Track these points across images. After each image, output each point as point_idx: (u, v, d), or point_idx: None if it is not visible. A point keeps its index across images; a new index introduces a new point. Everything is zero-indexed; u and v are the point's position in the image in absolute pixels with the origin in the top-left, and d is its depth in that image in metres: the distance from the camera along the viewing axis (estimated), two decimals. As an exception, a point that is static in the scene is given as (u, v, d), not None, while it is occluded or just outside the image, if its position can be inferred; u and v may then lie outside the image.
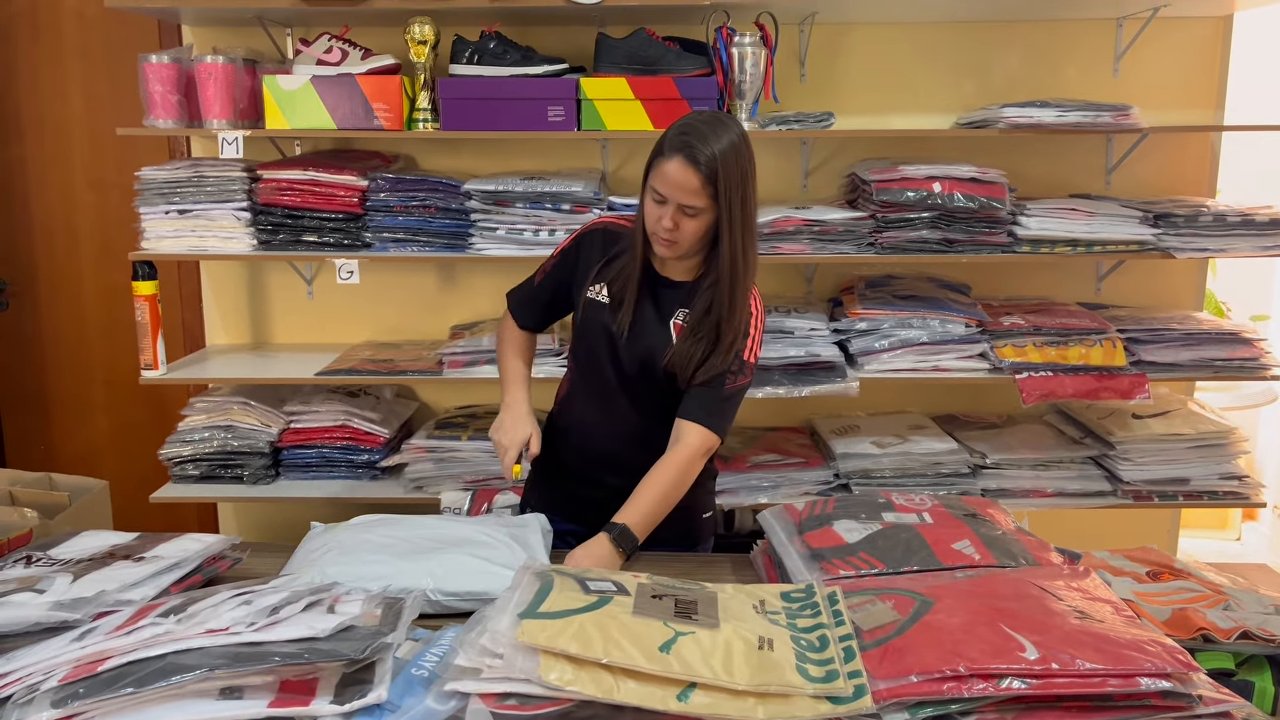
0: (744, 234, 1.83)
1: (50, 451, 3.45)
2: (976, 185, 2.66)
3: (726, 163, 1.77)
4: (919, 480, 2.74)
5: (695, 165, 1.75)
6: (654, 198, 1.81)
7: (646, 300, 1.94)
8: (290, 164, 2.72)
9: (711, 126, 1.79)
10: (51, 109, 3.27)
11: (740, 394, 1.94)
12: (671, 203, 1.79)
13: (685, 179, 1.76)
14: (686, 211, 1.79)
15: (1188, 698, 1.13)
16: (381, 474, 2.85)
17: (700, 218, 1.80)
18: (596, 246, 1.99)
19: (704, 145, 1.76)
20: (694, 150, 1.75)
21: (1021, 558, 1.54)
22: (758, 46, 2.63)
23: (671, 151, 1.77)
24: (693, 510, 2.07)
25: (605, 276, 1.95)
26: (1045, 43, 2.97)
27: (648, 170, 1.84)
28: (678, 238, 1.82)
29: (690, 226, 1.81)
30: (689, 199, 1.77)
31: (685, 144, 1.76)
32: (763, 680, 1.12)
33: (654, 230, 1.83)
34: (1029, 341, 2.69)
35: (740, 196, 1.80)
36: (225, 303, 3.16)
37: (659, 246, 1.86)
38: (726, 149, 1.77)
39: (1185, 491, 2.77)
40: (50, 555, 1.64)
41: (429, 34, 2.66)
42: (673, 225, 1.80)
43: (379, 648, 1.24)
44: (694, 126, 1.78)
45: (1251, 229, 2.69)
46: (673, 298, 1.94)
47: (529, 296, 2.10)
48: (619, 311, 1.92)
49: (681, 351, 1.88)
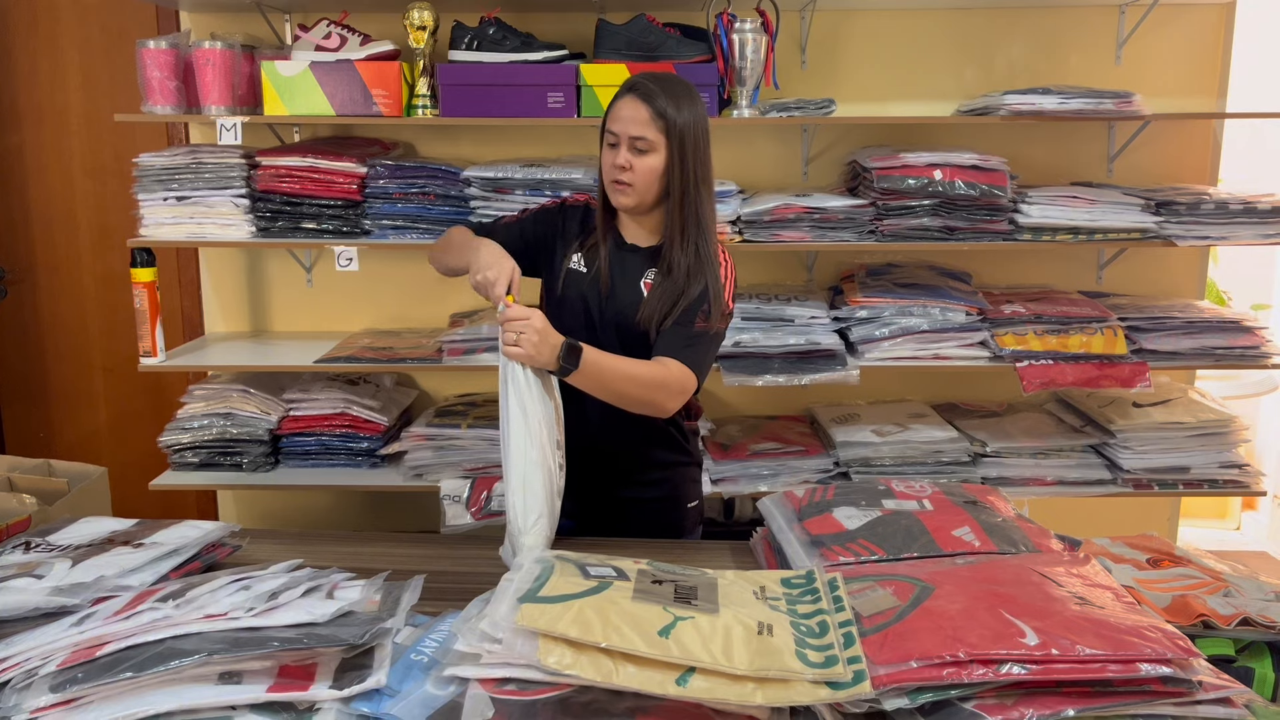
0: (699, 184, 1.86)
1: (49, 439, 3.44)
2: (978, 173, 2.65)
3: (677, 99, 1.83)
4: (919, 468, 2.74)
5: (644, 98, 1.83)
6: (608, 141, 1.86)
7: (616, 266, 1.94)
8: (289, 150, 2.71)
9: (659, 75, 1.89)
10: (49, 95, 3.26)
11: (711, 337, 1.90)
12: (624, 140, 1.83)
13: (635, 111, 1.82)
14: (638, 146, 1.83)
15: (1188, 683, 1.13)
16: (381, 462, 2.84)
17: (651, 156, 1.83)
18: (578, 218, 2.01)
19: (653, 84, 1.84)
20: (642, 87, 1.84)
21: (1022, 544, 1.54)
22: (758, 32, 2.62)
23: (622, 92, 1.86)
24: (679, 500, 2.08)
25: (585, 248, 1.96)
26: (1047, 29, 2.96)
27: (602, 125, 1.88)
28: (633, 179, 1.84)
29: (643, 165, 1.83)
30: (639, 130, 1.82)
31: (635, 84, 1.86)
32: (762, 665, 1.12)
33: (609, 176, 1.87)
34: (1030, 329, 2.69)
35: (692, 139, 1.84)
36: (224, 290, 3.16)
37: (616, 195, 1.88)
38: (678, 89, 1.85)
39: (1185, 480, 2.77)
40: (49, 541, 1.64)
41: (428, 20, 2.64)
42: (626, 164, 1.83)
43: (378, 633, 1.24)
44: (645, 75, 1.89)
45: (1253, 217, 2.68)
46: (640, 261, 1.95)
47: (492, 226, 2.04)
48: (597, 279, 1.93)
49: (651, 305, 1.88)
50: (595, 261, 1.94)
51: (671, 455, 2.06)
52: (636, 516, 2.02)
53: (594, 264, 1.94)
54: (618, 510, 2.02)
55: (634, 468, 2.02)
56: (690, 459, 2.10)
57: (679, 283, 1.87)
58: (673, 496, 2.07)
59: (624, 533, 1.96)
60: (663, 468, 2.05)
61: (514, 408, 1.67)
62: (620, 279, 1.93)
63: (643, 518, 2.00)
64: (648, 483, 2.04)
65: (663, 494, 2.05)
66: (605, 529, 1.99)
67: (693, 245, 1.87)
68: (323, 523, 3.22)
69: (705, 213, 1.88)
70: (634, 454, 2.01)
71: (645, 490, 2.04)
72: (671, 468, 2.07)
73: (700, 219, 1.87)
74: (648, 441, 2.01)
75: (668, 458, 2.05)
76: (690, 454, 2.10)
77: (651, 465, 2.04)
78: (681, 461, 2.08)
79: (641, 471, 2.03)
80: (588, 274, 1.94)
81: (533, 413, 1.67)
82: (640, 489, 2.04)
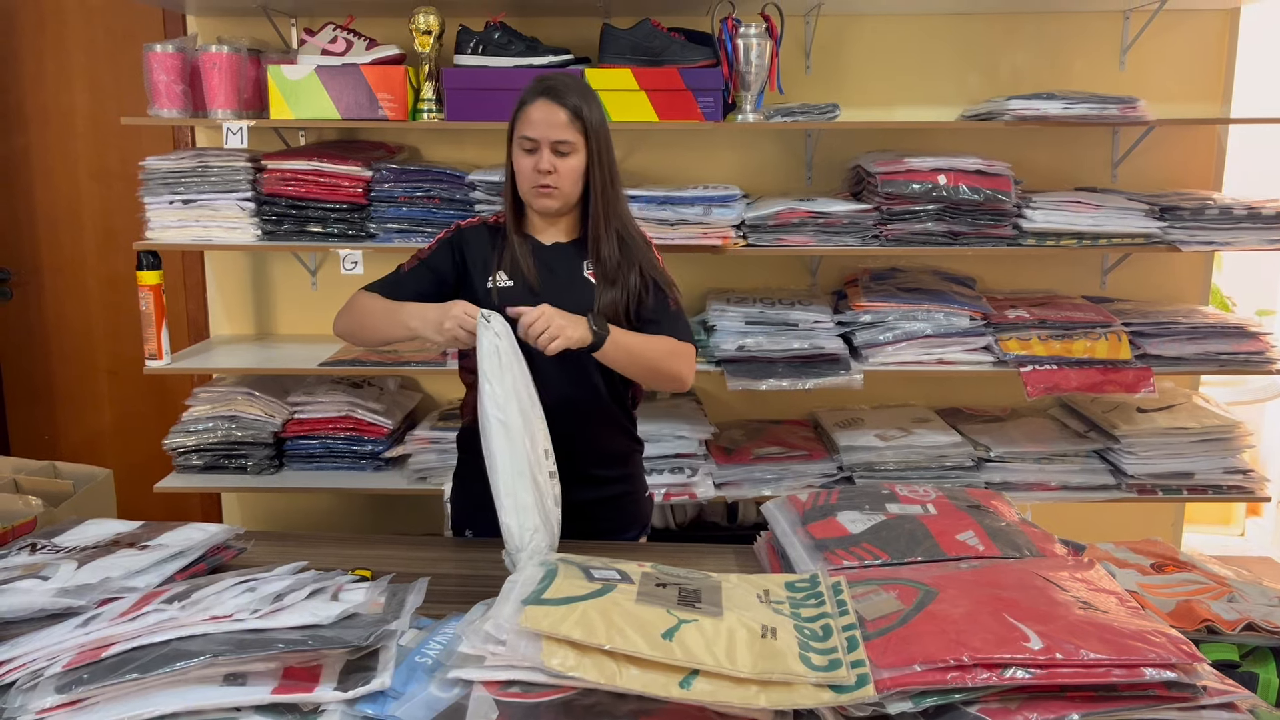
0: (612, 172, 1.90)
1: (55, 441, 3.45)
2: (982, 178, 2.65)
3: (587, 98, 1.85)
4: (922, 473, 2.74)
5: (559, 101, 1.82)
6: (524, 148, 1.84)
7: (546, 267, 1.91)
8: (294, 154, 2.72)
9: (562, 75, 1.90)
10: (55, 98, 3.27)
11: (683, 311, 1.98)
12: (544, 145, 1.82)
13: (552, 115, 1.81)
14: (560, 149, 1.83)
15: (1192, 689, 1.13)
16: (385, 465, 2.85)
17: (573, 156, 1.84)
18: (482, 239, 1.95)
19: (560, 85, 1.84)
20: (553, 90, 1.83)
21: (1026, 549, 1.54)
22: (763, 38, 2.62)
23: (532, 96, 1.83)
24: (635, 493, 2.07)
25: (503, 264, 1.92)
26: (1052, 35, 2.96)
27: (511, 130, 1.87)
28: (558, 181, 1.84)
29: (566, 166, 1.84)
30: (560, 133, 1.82)
31: (544, 87, 1.84)
32: (765, 668, 1.12)
33: (532, 182, 1.85)
34: (1034, 334, 2.69)
35: (605, 134, 1.87)
36: (229, 293, 3.16)
37: (540, 198, 1.86)
38: (583, 87, 1.87)
39: (1189, 485, 2.76)
40: (55, 543, 1.64)
41: (434, 24, 2.65)
42: (550, 167, 1.82)
43: (383, 635, 1.24)
44: (548, 76, 1.87)
45: (1258, 222, 2.68)
46: (570, 254, 1.93)
47: (396, 281, 1.96)
48: (530, 287, 1.88)
49: (609, 300, 1.88)
50: (519, 271, 1.90)
51: (628, 444, 2.04)
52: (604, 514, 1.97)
53: (519, 274, 1.90)
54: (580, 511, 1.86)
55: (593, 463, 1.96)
56: (641, 446, 2.10)
57: (624, 274, 1.89)
58: (633, 493, 2.06)
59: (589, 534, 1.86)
60: (621, 462, 2.03)
61: (494, 423, 1.64)
62: (557, 277, 1.90)
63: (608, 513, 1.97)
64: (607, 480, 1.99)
65: (625, 489, 2.03)
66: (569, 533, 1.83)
67: (615, 235, 1.90)
68: (327, 525, 3.22)
69: (623, 201, 1.94)
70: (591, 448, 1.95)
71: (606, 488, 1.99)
72: (628, 458, 2.05)
73: (620, 208, 1.92)
74: (607, 433, 1.98)
75: (625, 447, 2.04)
76: (640, 441, 2.10)
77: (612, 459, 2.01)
78: (635, 450, 2.08)
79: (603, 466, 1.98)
80: (517, 286, 1.89)
81: (513, 425, 1.63)
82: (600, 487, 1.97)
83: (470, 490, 2.00)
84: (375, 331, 1.92)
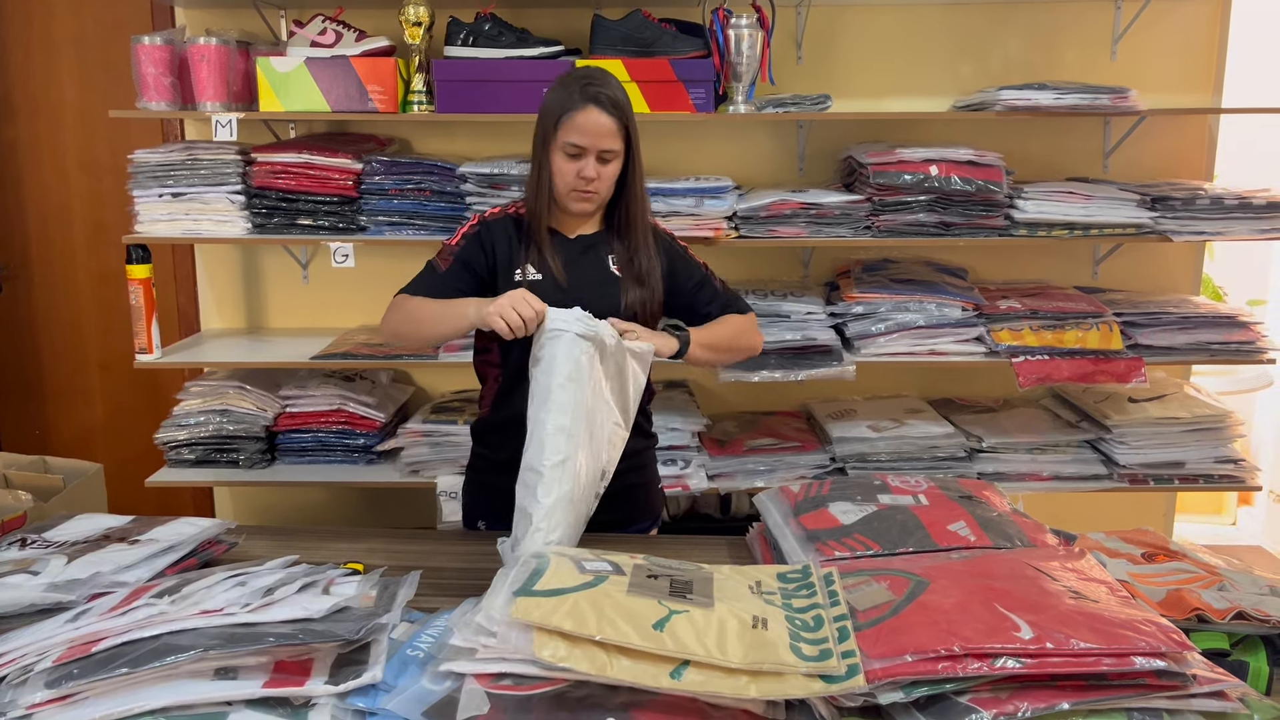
0: (643, 176, 1.95)
1: (45, 436, 3.44)
2: (973, 168, 2.65)
3: (628, 103, 1.87)
4: (915, 464, 2.74)
5: (609, 110, 1.83)
6: (569, 152, 1.84)
7: (573, 261, 1.92)
8: (284, 147, 2.71)
9: (602, 75, 1.89)
10: (44, 91, 3.25)
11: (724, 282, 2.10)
12: (591, 152, 1.83)
13: (602, 124, 1.82)
14: (604, 158, 1.85)
15: (1182, 677, 1.13)
16: (377, 458, 2.84)
17: (613, 162, 1.87)
18: (505, 231, 1.94)
19: (608, 90, 1.84)
20: (602, 98, 1.83)
21: (1017, 539, 1.54)
22: (754, 28, 2.61)
23: (583, 101, 1.82)
24: (648, 484, 2.09)
25: (530, 258, 1.92)
26: (1043, 24, 2.96)
27: (551, 130, 1.85)
28: (598, 187, 1.86)
29: (607, 172, 1.87)
30: (607, 142, 1.83)
31: (594, 94, 1.83)
32: (756, 658, 1.12)
33: (572, 186, 1.86)
34: (1025, 325, 2.69)
35: (638, 138, 1.90)
36: (220, 286, 3.15)
37: (578, 202, 1.88)
38: (622, 90, 1.88)
39: (1181, 475, 2.77)
40: (45, 538, 1.64)
41: (423, 15, 2.64)
42: (594, 174, 1.84)
43: (374, 628, 1.24)
44: (589, 76, 1.87)
45: (1249, 212, 2.68)
46: (592, 250, 1.95)
47: (436, 283, 1.93)
48: (558, 281, 1.89)
49: (637, 299, 1.92)
50: (546, 265, 1.90)
51: (643, 438, 2.04)
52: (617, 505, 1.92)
53: (545, 268, 1.90)
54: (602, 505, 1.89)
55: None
56: (655, 439, 2.13)
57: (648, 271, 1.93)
58: (648, 484, 2.07)
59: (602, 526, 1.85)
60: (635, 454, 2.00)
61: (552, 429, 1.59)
62: (584, 272, 1.92)
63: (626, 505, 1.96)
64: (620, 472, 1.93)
65: (641, 480, 2.04)
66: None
67: (644, 230, 1.95)
68: (319, 519, 3.22)
69: (647, 199, 1.99)
70: None
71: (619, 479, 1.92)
72: (642, 450, 2.05)
73: (646, 206, 1.97)
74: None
75: (641, 441, 2.03)
76: (654, 435, 2.13)
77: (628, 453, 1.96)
78: (650, 443, 2.09)
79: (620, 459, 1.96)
80: (545, 280, 1.90)
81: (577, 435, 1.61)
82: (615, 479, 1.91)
83: (486, 482, 2.00)
84: (433, 331, 1.90)
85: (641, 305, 1.93)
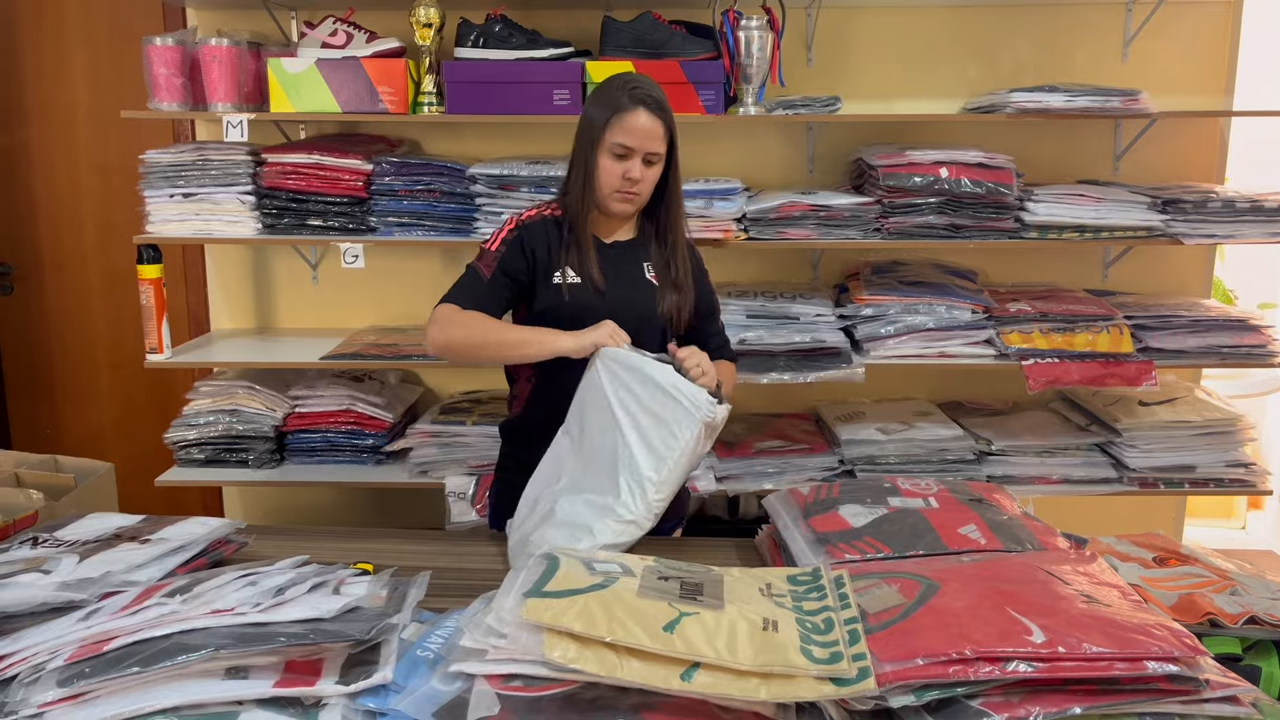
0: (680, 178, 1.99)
1: (56, 435, 3.45)
2: (984, 170, 2.64)
3: (671, 111, 1.91)
4: (924, 467, 2.74)
5: (657, 113, 1.87)
6: (616, 153, 1.87)
7: (611, 266, 1.95)
8: (295, 147, 2.72)
9: (649, 81, 1.92)
10: (55, 92, 3.27)
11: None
12: (638, 154, 1.86)
13: (653, 128, 1.86)
14: (649, 160, 1.89)
15: (1194, 682, 1.13)
16: (386, 459, 2.85)
17: (656, 166, 1.91)
18: (542, 234, 1.94)
19: (655, 94, 1.88)
20: (652, 102, 1.87)
21: (1028, 542, 1.53)
22: (764, 30, 2.61)
23: (633, 104, 1.86)
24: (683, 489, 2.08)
25: (569, 261, 1.92)
26: (1054, 27, 2.95)
27: (600, 131, 1.87)
28: (641, 189, 1.89)
29: (650, 175, 1.90)
30: (655, 146, 1.87)
31: (644, 96, 1.87)
32: (766, 661, 1.12)
33: (616, 187, 1.88)
34: (1035, 328, 2.68)
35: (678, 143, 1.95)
36: (230, 287, 3.16)
37: (621, 203, 1.91)
38: (664, 95, 1.91)
39: (1191, 479, 2.76)
40: (56, 537, 1.64)
41: (434, 17, 2.64)
42: (640, 176, 1.87)
43: (384, 629, 1.24)
44: (638, 81, 1.90)
45: (1260, 215, 2.67)
46: (632, 253, 1.99)
47: (483, 293, 1.90)
48: (594, 284, 1.90)
49: (671, 304, 1.97)
50: (585, 267, 1.92)
51: None
52: None
53: (584, 271, 1.92)
54: None
55: None
56: None
57: (681, 277, 1.97)
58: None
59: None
60: None
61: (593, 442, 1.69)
62: (621, 277, 1.94)
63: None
64: None
65: None
66: None
67: (682, 235, 2.00)
68: (328, 519, 3.22)
69: (684, 204, 2.03)
70: None
71: None
72: None
73: (684, 210, 2.02)
74: None
75: None
76: None
77: None
78: None
79: None
80: (584, 284, 1.91)
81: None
82: None
83: (516, 484, 2.00)
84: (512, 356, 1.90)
85: (676, 311, 1.98)
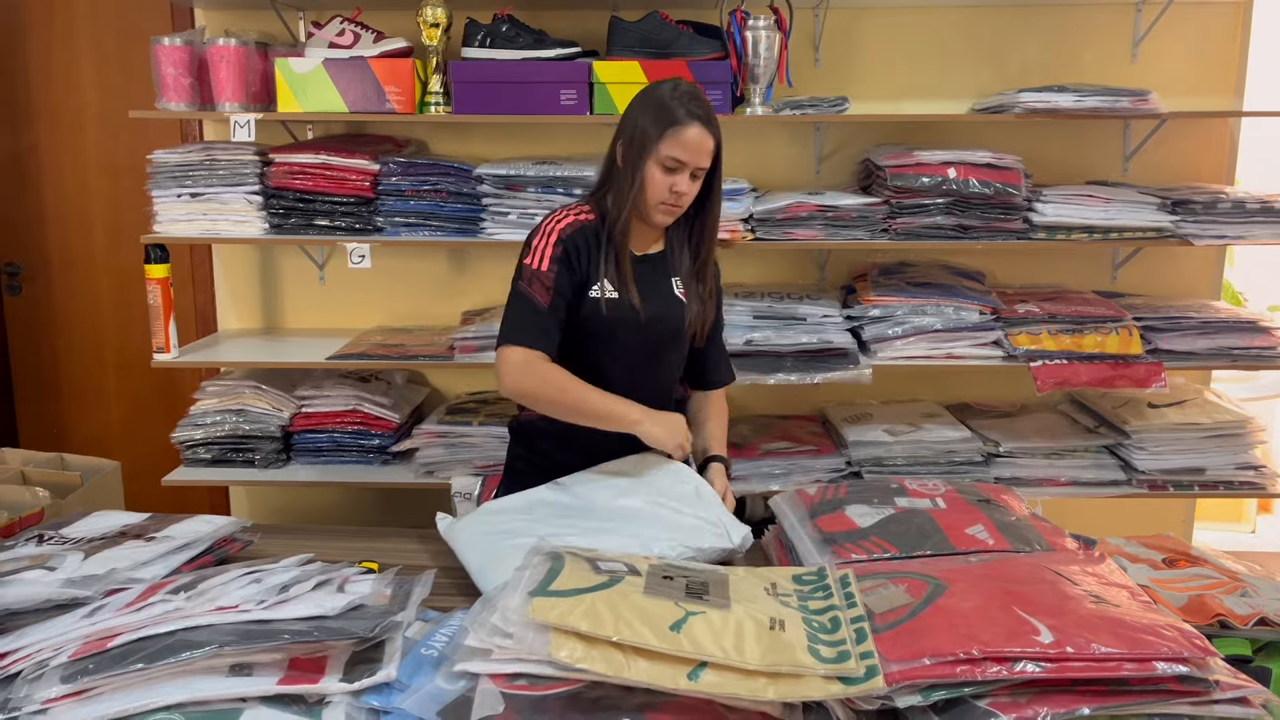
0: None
1: (62, 434, 3.46)
2: (992, 171, 2.63)
3: (718, 122, 1.90)
4: (932, 468, 2.73)
5: (710, 128, 1.87)
6: (668, 165, 1.86)
7: (645, 280, 1.95)
8: (302, 147, 2.72)
9: (699, 91, 1.91)
10: (64, 93, 3.28)
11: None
12: (688, 168, 1.86)
13: (705, 143, 1.86)
14: (696, 174, 1.89)
15: (1204, 683, 1.12)
16: (392, 459, 2.85)
17: (700, 179, 1.91)
18: (583, 245, 1.91)
19: (709, 110, 1.88)
20: (706, 117, 1.86)
21: (1036, 543, 1.53)
22: (772, 30, 2.61)
23: (690, 119, 1.85)
24: None
25: (607, 273, 1.91)
26: (1062, 27, 2.94)
27: (653, 142, 1.85)
28: (685, 202, 1.90)
29: (694, 189, 1.90)
30: (704, 160, 1.88)
31: (698, 111, 1.86)
32: (773, 660, 1.11)
33: (662, 199, 1.88)
34: (1044, 329, 2.67)
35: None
36: (237, 286, 3.16)
37: (664, 214, 1.91)
38: (713, 109, 1.90)
39: (1201, 481, 2.74)
40: (62, 534, 1.64)
41: (441, 17, 2.64)
42: (687, 189, 1.88)
43: (389, 627, 1.24)
44: (693, 93, 1.89)
45: (1270, 216, 2.66)
46: (657, 269, 1.99)
47: (547, 324, 1.86)
48: (631, 299, 1.91)
49: (697, 315, 2.00)
50: (624, 283, 1.91)
51: None
52: None
53: (622, 286, 1.91)
54: None
55: None
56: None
57: (706, 290, 2.01)
58: None
59: None
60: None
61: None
62: (654, 291, 1.96)
63: None
64: None
65: None
66: None
67: (712, 250, 2.02)
68: (334, 520, 3.22)
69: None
70: None
71: None
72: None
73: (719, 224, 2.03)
74: None
75: None
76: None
77: None
78: None
79: None
80: (622, 299, 1.91)
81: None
82: None
83: (526, 483, 2.00)
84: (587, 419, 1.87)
85: (701, 324, 2.02)
